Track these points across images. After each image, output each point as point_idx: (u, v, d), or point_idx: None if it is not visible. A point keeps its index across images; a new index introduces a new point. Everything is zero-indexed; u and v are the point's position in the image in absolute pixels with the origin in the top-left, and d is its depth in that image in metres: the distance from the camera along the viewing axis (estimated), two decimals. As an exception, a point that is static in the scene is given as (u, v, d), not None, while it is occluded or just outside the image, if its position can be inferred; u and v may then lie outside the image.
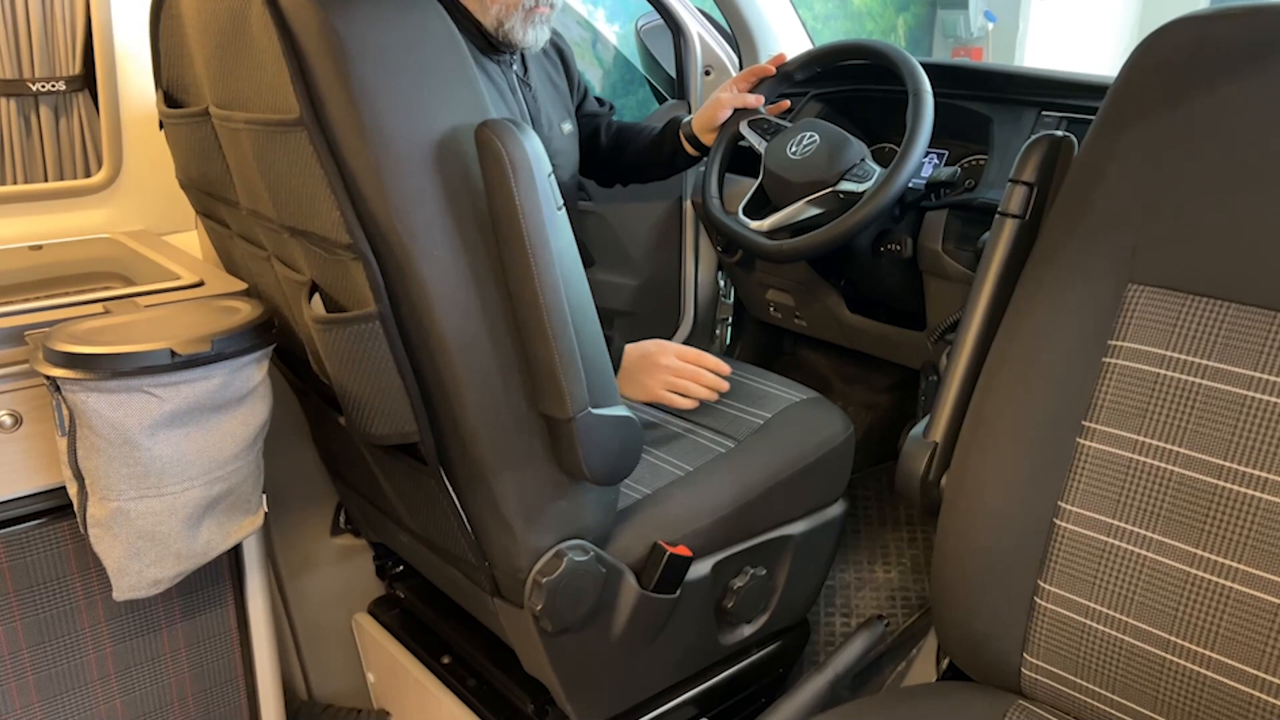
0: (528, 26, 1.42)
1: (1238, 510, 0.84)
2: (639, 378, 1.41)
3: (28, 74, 1.52)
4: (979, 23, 3.99)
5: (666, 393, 1.41)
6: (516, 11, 1.40)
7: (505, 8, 1.39)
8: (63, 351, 0.99)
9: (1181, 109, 0.90)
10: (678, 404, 1.42)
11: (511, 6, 1.39)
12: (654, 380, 1.41)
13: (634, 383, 1.41)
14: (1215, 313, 0.87)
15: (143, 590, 1.10)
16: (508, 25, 1.40)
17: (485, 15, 1.40)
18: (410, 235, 0.94)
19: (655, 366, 1.41)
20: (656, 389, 1.41)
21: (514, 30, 1.41)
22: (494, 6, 1.39)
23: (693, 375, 1.43)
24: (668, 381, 1.41)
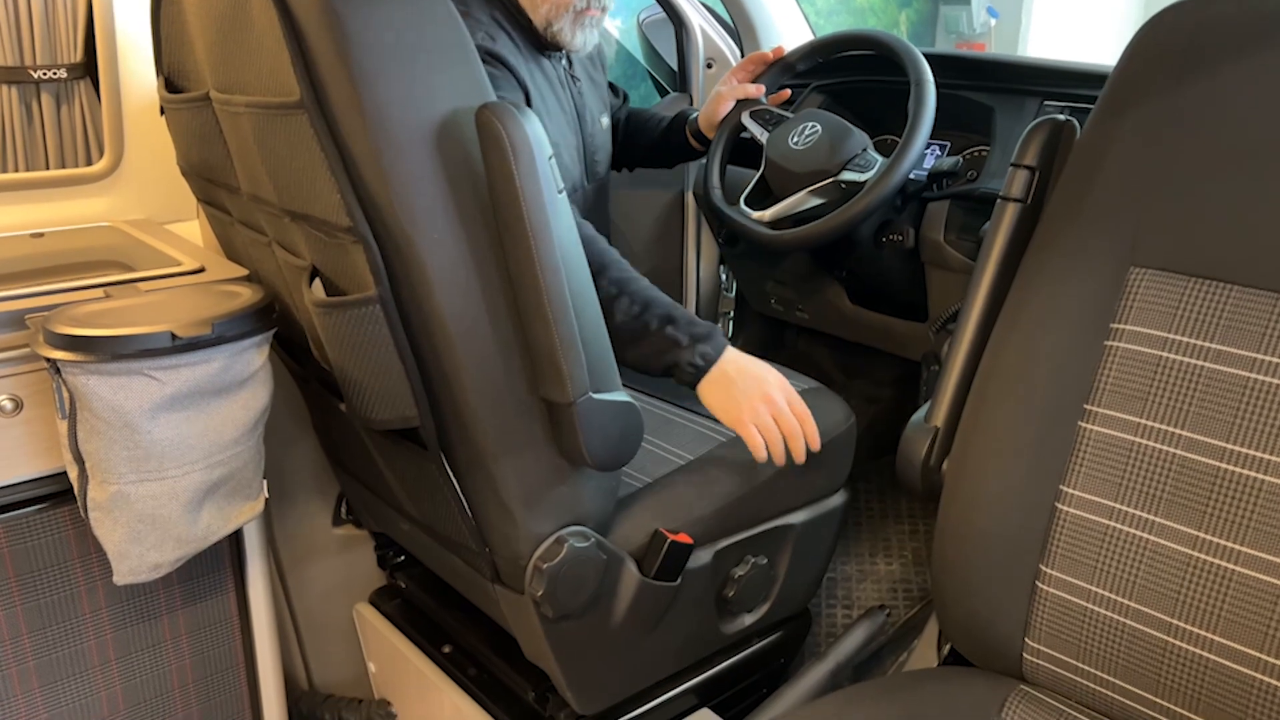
0: (576, 29, 1.39)
1: (1240, 493, 0.83)
2: (735, 391, 1.22)
3: (29, 61, 1.52)
4: (981, 18, 3.99)
5: (753, 426, 1.22)
6: (566, 13, 1.37)
7: (555, 8, 1.36)
8: (63, 334, 0.99)
9: (1183, 92, 0.90)
10: (754, 443, 1.23)
11: (561, 7, 1.37)
12: (751, 404, 1.22)
13: (726, 394, 1.22)
14: (1217, 295, 0.87)
15: (143, 574, 1.10)
16: (556, 26, 1.38)
17: (535, 14, 1.38)
18: (410, 218, 0.94)
19: (762, 394, 1.23)
20: (747, 415, 1.22)
21: (562, 32, 1.39)
22: (543, 6, 1.36)
23: (791, 430, 1.24)
24: (762, 416, 1.23)
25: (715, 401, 1.23)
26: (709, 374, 1.22)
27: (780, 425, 1.24)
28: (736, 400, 1.22)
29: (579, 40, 1.41)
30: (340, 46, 0.89)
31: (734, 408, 1.22)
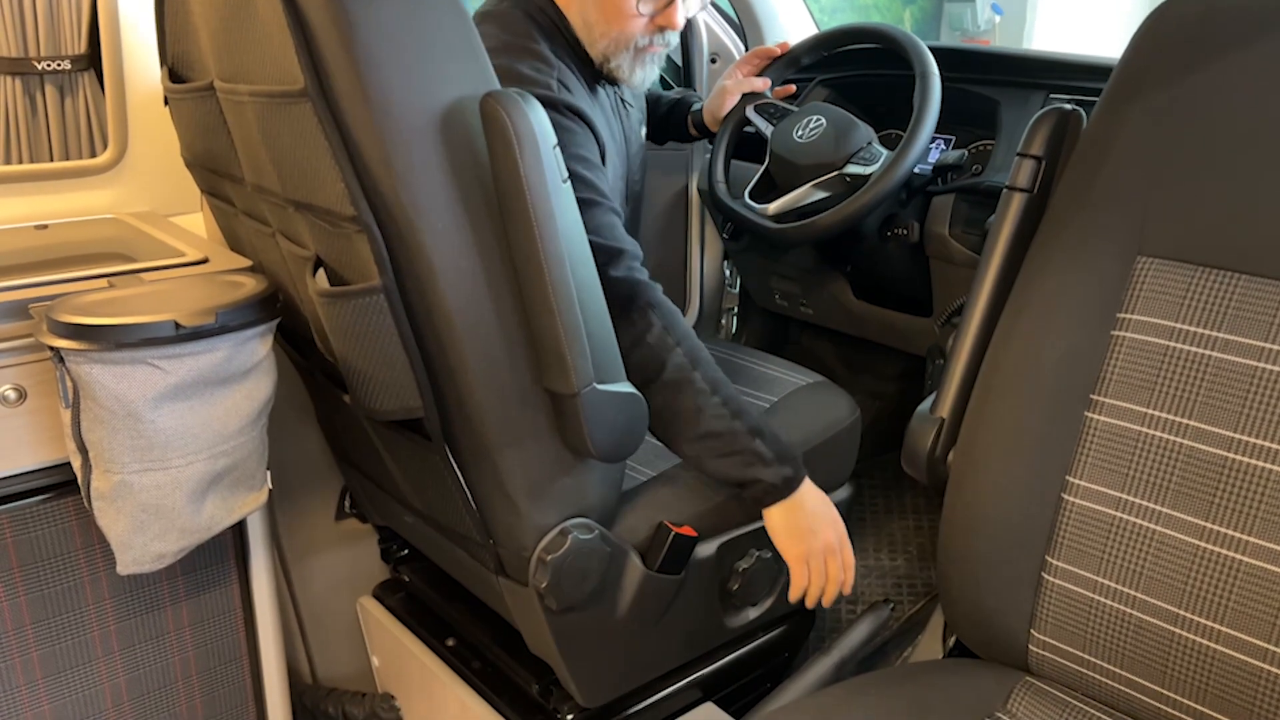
0: (636, 66, 1.31)
1: (1248, 483, 0.83)
2: (803, 526, 1.23)
3: (33, 53, 1.53)
4: (986, 15, 3.99)
5: (806, 562, 1.24)
6: (625, 51, 1.29)
7: (614, 44, 1.28)
8: (67, 323, 0.98)
9: (1190, 80, 0.90)
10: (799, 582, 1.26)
11: (620, 44, 1.28)
12: (813, 545, 1.24)
13: (794, 524, 1.23)
14: (1225, 284, 0.86)
15: (146, 564, 1.10)
16: (614, 63, 1.30)
17: (592, 48, 1.29)
18: (415, 207, 0.93)
19: (825, 539, 1.25)
20: (805, 553, 1.24)
21: (620, 69, 1.30)
22: (601, 41, 1.27)
23: (835, 578, 1.27)
24: (817, 559, 1.25)
25: (779, 526, 1.24)
26: (784, 500, 1.22)
27: (828, 571, 1.26)
28: (802, 535, 1.23)
29: (638, 77, 1.33)
30: (344, 35, 0.89)
31: (797, 542, 1.23)
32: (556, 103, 1.18)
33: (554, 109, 1.17)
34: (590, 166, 1.20)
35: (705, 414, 1.17)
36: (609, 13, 1.26)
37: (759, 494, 1.22)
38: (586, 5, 1.26)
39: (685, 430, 1.18)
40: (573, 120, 1.20)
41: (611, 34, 1.27)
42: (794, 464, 1.23)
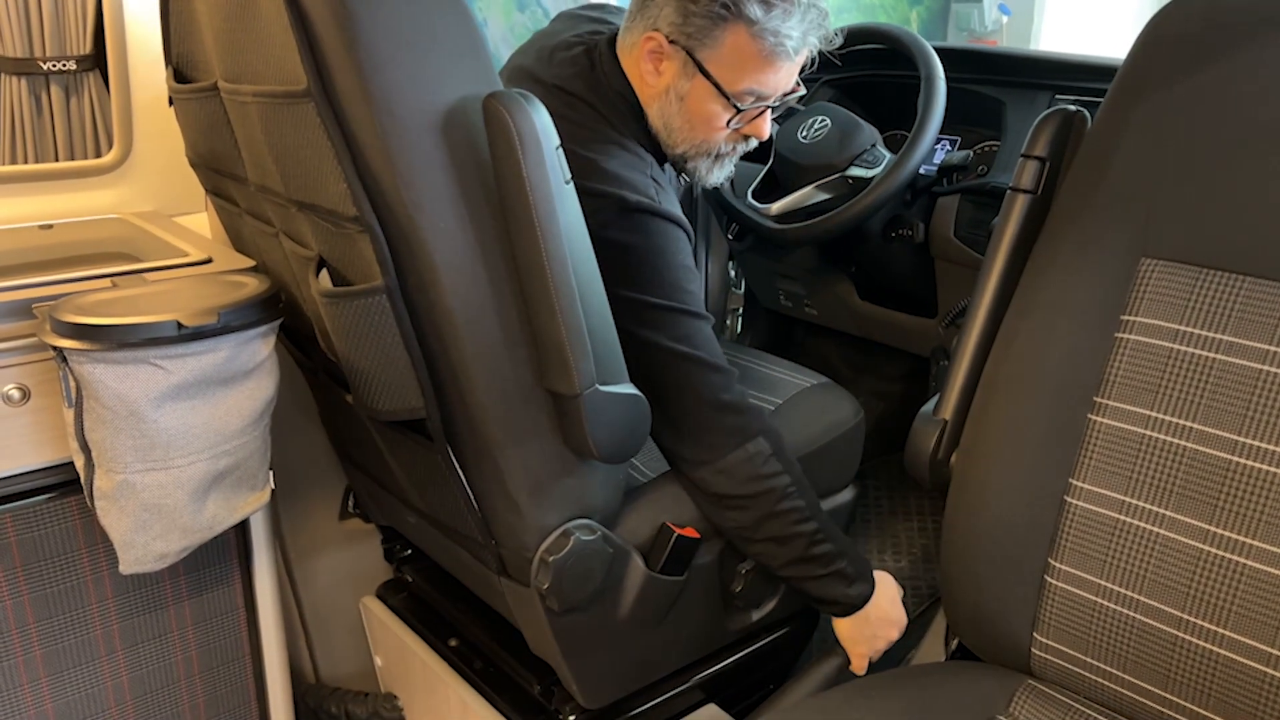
0: (714, 168, 1.30)
1: (1252, 486, 0.83)
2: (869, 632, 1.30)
3: (38, 53, 1.53)
4: (993, 16, 3.97)
5: (868, 657, 1.32)
6: (705, 157, 1.28)
7: (694, 149, 1.26)
8: (70, 322, 0.99)
9: (1195, 80, 0.89)
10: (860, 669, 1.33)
11: (701, 151, 1.26)
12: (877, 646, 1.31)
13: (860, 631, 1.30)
14: (1229, 286, 0.86)
15: (149, 564, 1.10)
16: (691, 165, 1.28)
17: (671, 147, 1.26)
18: (417, 208, 0.93)
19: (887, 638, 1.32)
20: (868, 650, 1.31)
21: (697, 170, 1.29)
22: (682, 145, 1.25)
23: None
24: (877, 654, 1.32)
25: (849, 634, 1.31)
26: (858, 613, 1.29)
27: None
28: (869, 640, 1.31)
29: (714, 178, 1.32)
30: (347, 35, 0.89)
31: (864, 645, 1.31)
32: (660, 212, 1.17)
33: (658, 217, 1.17)
34: (692, 276, 1.20)
35: (803, 539, 1.22)
36: (696, 123, 1.24)
37: (837, 610, 1.28)
38: (669, 110, 1.23)
39: (781, 553, 1.23)
40: (674, 228, 1.19)
41: (694, 141, 1.25)
42: (870, 579, 1.28)
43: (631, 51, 1.23)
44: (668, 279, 1.16)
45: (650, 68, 1.22)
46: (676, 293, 1.16)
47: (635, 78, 1.24)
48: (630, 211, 1.15)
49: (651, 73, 1.22)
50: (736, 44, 1.18)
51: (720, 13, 1.16)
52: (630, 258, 1.15)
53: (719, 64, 1.19)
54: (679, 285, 1.17)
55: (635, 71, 1.23)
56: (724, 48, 1.18)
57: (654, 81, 1.22)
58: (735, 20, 1.16)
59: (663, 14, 1.19)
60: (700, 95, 1.21)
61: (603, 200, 1.14)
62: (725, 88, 1.20)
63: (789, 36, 1.18)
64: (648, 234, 1.16)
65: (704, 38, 1.18)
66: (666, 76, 1.21)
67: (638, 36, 1.22)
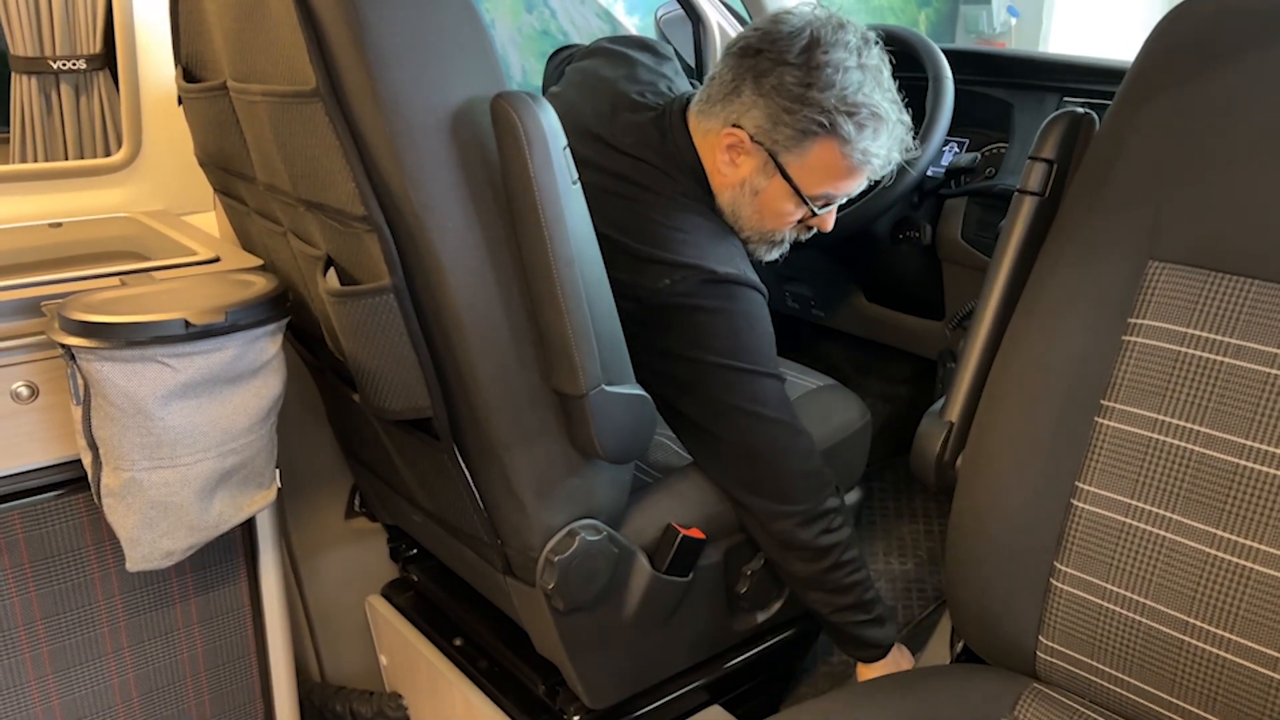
0: (773, 249, 1.32)
1: (1259, 490, 0.82)
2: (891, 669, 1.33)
3: (49, 52, 1.54)
4: (1001, 17, 3.97)
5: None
6: (766, 243, 1.30)
7: (757, 234, 1.28)
8: (78, 320, 0.99)
9: (1204, 82, 0.89)
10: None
11: (764, 239, 1.29)
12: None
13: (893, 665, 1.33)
14: (1238, 290, 0.85)
15: (155, 561, 1.11)
16: (750, 246, 1.30)
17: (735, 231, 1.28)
18: (424, 207, 0.94)
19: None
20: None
21: (755, 251, 1.31)
22: (747, 230, 1.27)
23: None
24: None
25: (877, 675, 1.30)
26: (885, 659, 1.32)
27: None
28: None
29: (769, 257, 1.34)
30: (356, 34, 0.89)
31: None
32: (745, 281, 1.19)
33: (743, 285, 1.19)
34: (773, 342, 1.22)
35: (859, 588, 1.26)
36: (766, 216, 1.25)
37: (874, 655, 1.31)
38: (741, 201, 1.24)
39: (837, 601, 1.26)
40: (757, 294, 1.21)
41: (760, 229, 1.27)
42: (892, 621, 1.32)
43: (708, 136, 1.23)
44: (754, 346, 1.18)
45: (727, 159, 1.22)
46: (761, 359, 1.19)
47: (709, 160, 1.24)
48: (719, 282, 1.17)
49: (728, 164, 1.22)
50: (824, 157, 1.19)
51: (814, 129, 1.17)
52: (719, 326, 1.17)
53: (801, 170, 1.20)
54: (764, 351, 1.20)
55: (709, 156, 1.24)
56: (810, 158, 1.19)
57: (729, 172, 1.23)
58: (828, 136, 1.17)
59: (749, 114, 1.19)
60: (776, 194, 1.22)
61: (689, 271, 1.16)
62: (803, 190, 1.22)
63: (876, 155, 1.20)
64: (734, 301, 1.18)
65: (791, 146, 1.19)
66: (743, 170, 1.22)
67: (717, 124, 1.22)
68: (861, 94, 1.16)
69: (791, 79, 1.16)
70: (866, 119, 1.17)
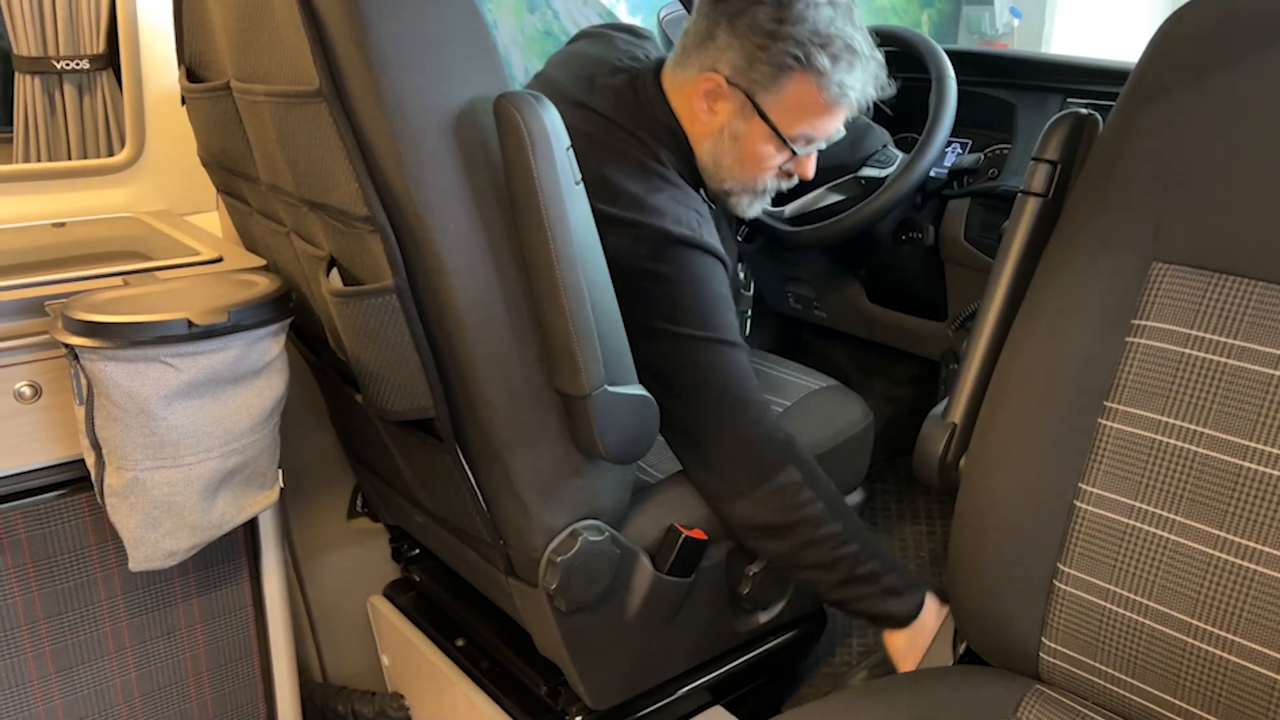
0: (755, 202, 1.33)
1: (1263, 492, 0.82)
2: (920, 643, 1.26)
3: (52, 52, 1.54)
4: (1004, 19, 3.97)
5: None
6: (748, 194, 1.31)
7: (740, 185, 1.29)
8: (81, 320, 0.99)
9: (1207, 83, 0.89)
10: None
11: (747, 188, 1.30)
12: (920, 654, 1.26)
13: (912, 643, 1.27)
14: (1242, 291, 0.85)
15: (158, 561, 1.11)
16: (734, 199, 1.31)
17: (716, 183, 1.29)
18: (427, 207, 0.94)
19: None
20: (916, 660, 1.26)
21: (738, 205, 1.32)
22: (729, 181, 1.28)
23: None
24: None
25: (902, 645, 1.28)
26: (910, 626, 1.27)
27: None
28: (917, 651, 1.26)
29: (752, 212, 1.35)
30: (359, 35, 0.89)
31: (914, 656, 1.27)
32: (700, 244, 1.19)
33: (698, 249, 1.19)
34: (729, 307, 1.21)
35: (846, 563, 1.22)
36: (747, 162, 1.26)
37: (892, 624, 1.27)
38: (721, 148, 1.25)
39: (827, 578, 1.23)
40: (713, 260, 1.21)
41: (743, 179, 1.28)
42: (919, 590, 1.27)
43: (683, 87, 1.24)
44: (705, 310, 1.17)
45: (705, 106, 1.22)
46: (713, 324, 1.17)
47: (685, 113, 1.24)
48: (672, 244, 1.16)
49: (705, 111, 1.23)
50: (800, 93, 1.20)
51: (789, 63, 1.17)
52: (669, 290, 1.16)
53: (779, 109, 1.21)
54: (716, 316, 1.18)
55: (686, 107, 1.24)
56: (787, 95, 1.20)
57: (708, 120, 1.23)
58: (803, 71, 1.18)
59: (724, 56, 1.20)
60: (755, 136, 1.23)
61: (645, 231, 1.15)
62: (783, 131, 1.22)
63: (852, 88, 1.20)
64: (685, 266, 1.17)
65: (768, 84, 1.19)
66: (722, 116, 1.23)
67: (694, 73, 1.22)
68: (834, 27, 1.17)
69: (764, 15, 1.17)
70: (840, 51, 1.17)
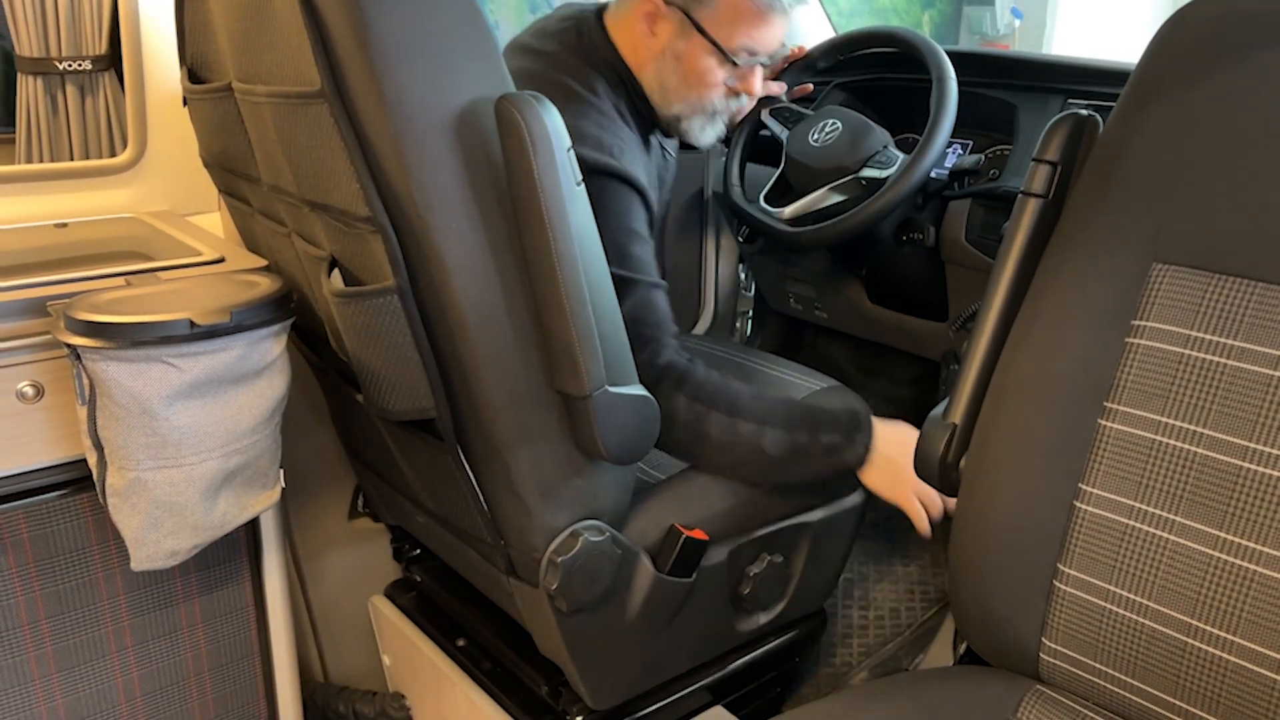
0: (708, 126, 1.36)
1: (1262, 492, 0.82)
2: (898, 469, 1.26)
3: (54, 53, 1.54)
4: (1005, 19, 3.98)
5: (914, 498, 1.28)
6: (700, 115, 1.34)
7: (690, 108, 1.33)
8: (83, 320, 1.00)
9: (1207, 85, 0.89)
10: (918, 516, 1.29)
11: (697, 109, 1.33)
12: (909, 477, 1.27)
13: (891, 474, 1.27)
14: (1241, 292, 0.86)
15: (160, 561, 1.11)
16: (686, 124, 1.34)
17: (664, 105, 1.33)
18: (428, 208, 0.94)
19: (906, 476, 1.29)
20: (906, 489, 1.28)
21: (690, 130, 1.35)
22: (678, 104, 1.32)
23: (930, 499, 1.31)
24: (920, 487, 1.28)
25: (880, 483, 1.28)
26: (871, 460, 1.27)
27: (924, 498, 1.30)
28: (901, 478, 1.27)
29: (707, 137, 1.38)
30: (360, 36, 0.90)
31: (900, 486, 1.27)
32: (617, 172, 1.20)
33: (610, 176, 1.20)
34: (641, 241, 1.22)
35: (769, 451, 1.22)
36: (691, 81, 1.30)
37: (852, 469, 1.27)
38: (665, 70, 1.29)
39: (762, 470, 1.23)
40: (627, 190, 1.22)
41: (690, 99, 1.31)
42: (865, 428, 1.26)
43: (625, 17, 1.29)
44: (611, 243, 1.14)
45: (645, 29, 1.27)
46: (615, 256, 1.16)
47: (628, 43, 1.29)
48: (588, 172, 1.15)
49: (646, 34, 1.27)
50: (734, 3, 1.25)
51: None
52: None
53: (715, 22, 1.26)
54: (621, 249, 1.18)
55: (628, 37, 1.29)
56: (720, 8, 1.25)
57: (649, 43, 1.28)
58: None
59: None
60: (696, 53, 1.27)
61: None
62: (722, 44, 1.26)
63: None
64: (598, 195, 1.16)
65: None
66: (662, 38, 1.28)
67: (632, 2, 1.27)
68: None
69: None
70: None
